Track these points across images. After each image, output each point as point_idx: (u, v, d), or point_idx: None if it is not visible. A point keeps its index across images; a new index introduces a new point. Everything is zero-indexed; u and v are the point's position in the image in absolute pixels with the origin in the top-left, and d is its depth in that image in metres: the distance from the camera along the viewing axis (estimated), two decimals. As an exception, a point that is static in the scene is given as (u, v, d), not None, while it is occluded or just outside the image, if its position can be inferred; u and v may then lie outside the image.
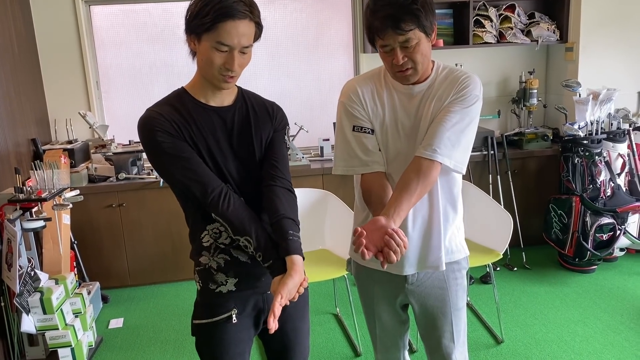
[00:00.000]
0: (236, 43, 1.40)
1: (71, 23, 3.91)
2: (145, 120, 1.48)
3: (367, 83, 1.70)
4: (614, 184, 3.82)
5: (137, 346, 3.14)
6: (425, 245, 1.71)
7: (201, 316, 1.62)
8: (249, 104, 1.59)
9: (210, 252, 1.56)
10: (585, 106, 3.84)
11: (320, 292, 3.68)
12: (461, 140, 1.58)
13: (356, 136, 1.67)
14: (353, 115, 1.68)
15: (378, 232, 1.43)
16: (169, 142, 1.45)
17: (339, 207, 3.16)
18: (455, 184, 1.72)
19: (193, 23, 1.41)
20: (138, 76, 4.12)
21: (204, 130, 1.50)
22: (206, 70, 1.46)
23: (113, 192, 3.69)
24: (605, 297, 3.47)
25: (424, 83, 1.63)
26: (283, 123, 1.64)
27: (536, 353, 2.88)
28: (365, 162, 1.67)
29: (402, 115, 1.65)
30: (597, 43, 4.08)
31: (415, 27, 1.47)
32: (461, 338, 1.81)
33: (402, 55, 1.52)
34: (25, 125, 3.53)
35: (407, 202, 1.50)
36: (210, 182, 1.47)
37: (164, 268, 3.87)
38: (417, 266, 1.73)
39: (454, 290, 1.77)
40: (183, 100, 1.52)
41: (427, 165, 1.54)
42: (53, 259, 3.19)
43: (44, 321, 2.82)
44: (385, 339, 1.90)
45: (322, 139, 4.11)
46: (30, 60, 3.76)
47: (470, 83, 1.60)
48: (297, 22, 4.22)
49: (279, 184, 1.55)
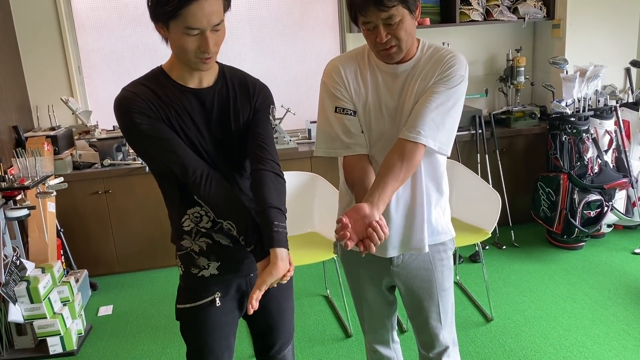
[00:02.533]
0: (206, 24, 1.33)
1: (50, 6, 3.81)
2: (121, 101, 1.42)
3: (350, 62, 1.65)
4: (601, 161, 3.84)
5: (128, 333, 3.13)
6: (408, 227, 1.68)
7: (185, 301, 1.61)
8: (229, 85, 1.53)
9: (192, 236, 1.55)
10: (572, 83, 3.84)
11: (310, 274, 3.68)
12: (446, 121, 1.54)
13: (338, 118, 1.63)
14: (335, 96, 1.63)
15: (361, 221, 1.40)
16: (147, 124, 1.41)
17: (327, 189, 3.15)
18: (439, 165, 1.69)
19: (156, 11, 1.34)
20: (121, 60, 4.04)
21: (182, 113, 1.45)
22: (182, 56, 1.40)
23: (98, 178, 3.65)
24: (593, 273, 3.50)
25: (409, 62, 1.58)
26: (266, 102, 1.58)
27: (525, 330, 2.90)
28: (347, 145, 1.63)
29: (386, 95, 1.61)
30: (584, 20, 4.06)
31: (398, 3, 1.43)
32: (448, 318, 1.81)
33: (385, 32, 1.47)
34: (5, 112, 3.46)
35: (392, 187, 1.48)
36: (192, 163, 1.44)
37: (152, 254, 3.85)
38: (400, 248, 1.71)
39: (440, 271, 1.76)
40: (160, 81, 1.46)
41: (410, 148, 1.51)
42: (39, 247, 3.15)
43: (31, 310, 2.80)
44: (373, 320, 1.90)
45: (310, 122, 4.07)
46: (8, 46, 3.67)
47: (456, 63, 1.56)
48: (282, 1, 4.15)
49: (268, 167, 1.50)
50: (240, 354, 2.84)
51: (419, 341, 1.86)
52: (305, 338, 2.96)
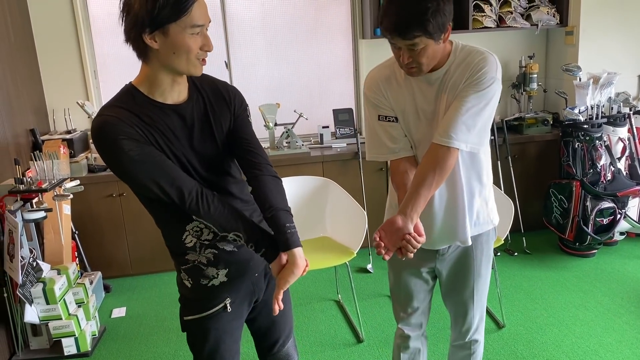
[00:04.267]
0: (205, 20, 1.35)
1: (67, 11, 3.87)
2: (104, 127, 1.34)
3: (386, 71, 1.74)
4: (615, 168, 3.82)
5: (140, 335, 3.16)
6: (452, 220, 1.77)
7: (194, 311, 1.60)
8: (204, 95, 1.50)
9: (197, 251, 1.54)
10: (585, 90, 3.83)
11: (322, 279, 3.69)
12: (477, 122, 1.59)
13: (382, 125, 1.74)
14: (376, 105, 1.74)
15: (396, 235, 1.55)
16: (136, 149, 1.34)
17: (340, 194, 3.16)
18: (479, 158, 1.75)
19: (159, 15, 1.29)
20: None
21: (167, 132, 1.42)
22: (180, 61, 1.35)
23: (113, 181, 3.68)
24: (606, 281, 3.48)
25: (441, 69, 1.65)
26: (243, 105, 1.57)
27: (537, 337, 2.90)
28: (392, 150, 1.74)
29: (422, 101, 1.68)
30: (597, 27, 4.05)
31: (421, 34, 1.49)
32: (481, 300, 1.94)
33: (407, 55, 1.55)
34: (23, 116, 3.51)
35: (424, 197, 1.57)
36: (186, 184, 1.41)
37: (165, 257, 3.82)
38: (446, 240, 1.82)
39: (479, 259, 1.88)
40: (137, 100, 1.40)
41: (443, 153, 1.58)
42: (55, 249, 3.19)
43: (47, 311, 2.83)
44: (409, 303, 1.98)
45: (322, 126, 4.09)
46: (27, 50, 3.73)
47: (485, 65, 1.61)
48: (295, 8, 4.19)
49: (264, 172, 1.51)
50: (245, 356, 2.85)
51: (453, 318, 2.01)
52: (317, 343, 2.97)
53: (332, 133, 4.20)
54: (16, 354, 2.94)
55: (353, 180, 3.85)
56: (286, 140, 3.95)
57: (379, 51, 4.25)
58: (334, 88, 4.37)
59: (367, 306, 3.31)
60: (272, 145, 3.95)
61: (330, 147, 4.05)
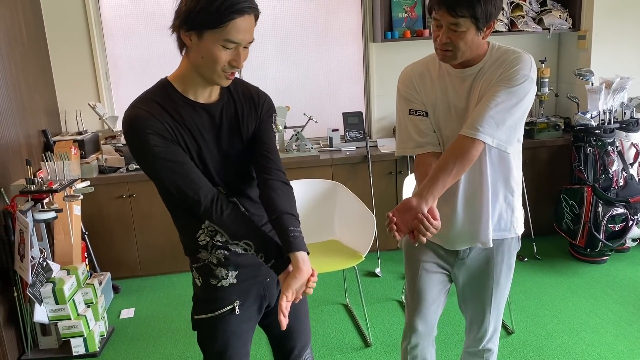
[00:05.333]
0: (243, 39, 1.35)
1: (80, 13, 3.90)
2: (135, 120, 1.38)
3: (420, 67, 1.77)
4: (627, 174, 3.78)
5: (149, 336, 3.17)
6: (474, 220, 1.76)
7: (203, 311, 1.62)
8: (235, 97, 1.52)
9: (208, 250, 1.55)
10: (597, 95, 3.79)
11: (330, 282, 3.68)
12: (507, 119, 1.58)
13: (411, 119, 1.75)
14: (408, 99, 1.76)
15: (409, 214, 1.53)
16: (162, 147, 1.38)
17: (348, 197, 3.15)
18: (508, 162, 1.73)
19: (196, 18, 1.31)
20: (147, 67, 4.11)
21: (195, 131, 1.44)
22: (207, 68, 1.38)
23: (123, 182, 3.71)
24: (617, 287, 3.45)
25: (476, 66, 1.65)
26: (270, 111, 1.58)
27: (547, 344, 2.87)
28: (419, 144, 1.73)
29: (454, 97, 1.69)
30: (610, 31, 4.02)
31: (468, 15, 1.50)
32: (498, 309, 1.90)
33: (446, 35, 1.55)
34: (35, 116, 3.54)
35: (442, 182, 1.55)
36: (203, 188, 1.43)
37: (174, 258, 3.89)
38: (468, 241, 1.80)
39: (500, 267, 1.84)
40: (170, 96, 1.43)
41: (467, 144, 1.57)
42: (64, 249, 3.21)
43: (56, 311, 2.85)
44: (424, 307, 1.94)
45: (331, 129, 4.08)
46: (39, 51, 3.76)
47: (519, 62, 1.61)
48: (306, 11, 4.19)
49: (273, 176, 1.50)
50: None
51: (468, 323, 1.98)
52: (324, 347, 2.96)
53: (341, 136, 4.19)
54: (25, 353, 2.96)
55: (362, 183, 3.84)
56: (295, 143, 3.96)
57: (390, 54, 4.24)
58: (344, 91, 4.37)
59: (375, 310, 3.30)
60: (281, 148, 3.95)
61: (339, 150, 4.05)
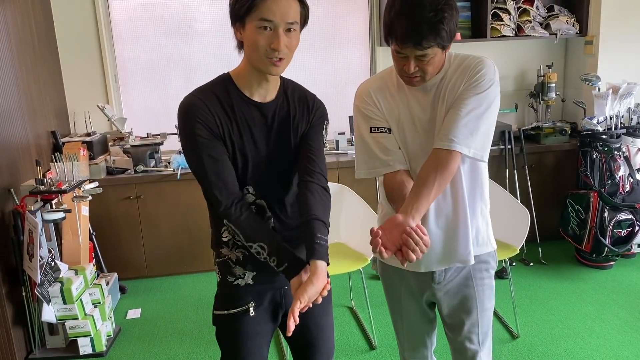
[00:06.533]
0: (279, 18, 1.36)
1: (90, 16, 3.94)
2: (189, 107, 1.43)
3: (378, 83, 1.68)
4: (633, 180, 3.78)
5: (155, 336, 3.19)
6: (451, 238, 1.65)
7: (221, 307, 1.63)
8: (290, 100, 1.55)
9: (229, 247, 1.58)
10: (604, 100, 3.79)
11: (336, 285, 3.69)
12: (480, 126, 1.51)
13: (374, 137, 1.64)
14: (368, 116, 1.66)
15: (396, 230, 1.41)
16: (205, 138, 1.43)
17: (355, 200, 3.17)
18: (481, 173, 1.66)
19: (235, 8, 1.38)
20: (156, 69, 4.14)
21: (243, 127, 1.47)
22: (253, 56, 1.40)
23: (131, 184, 3.73)
24: (623, 293, 3.44)
25: (437, 77, 1.57)
26: (322, 118, 1.61)
27: (552, 349, 2.87)
28: (385, 162, 1.63)
29: (418, 110, 1.61)
30: (617, 36, 4.02)
31: (435, 44, 1.42)
32: (488, 340, 1.78)
33: (414, 65, 1.48)
34: (44, 118, 3.58)
35: (426, 197, 1.46)
36: (228, 189, 1.46)
37: (180, 259, 3.91)
38: (443, 262, 1.68)
39: (481, 290, 1.73)
40: (228, 90, 1.47)
41: (444, 156, 1.49)
42: (72, 250, 3.24)
43: (64, 311, 2.88)
44: (412, 337, 1.88)
45: (338, 133, 4.10)
46: (50, 53, 3.80)
47: (483, 67, 1.54)
48: (314, 14, 4.17)
49: (315, 180, 1.52)
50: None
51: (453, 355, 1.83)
52: (329, 348, 2.97)
53: (347, 140, 4.21)
54: (33, 352, 2.99)
55: (368, 187, 3.85)
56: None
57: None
58: (351, 94, 4.33)
59: (380, 313, 3.30)
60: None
61: (345, 153, 4.06)
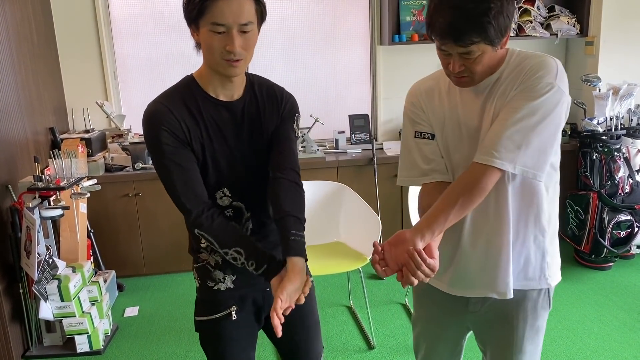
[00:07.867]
0: (232, 21, 1.30)
1: (89, 13, 3.92)
2: (153, 115, 1.39)
3: (430, 83, 1.53)
4: (633, 181, 3.78)
5: (152, 334, 3.18)
6: (489, 265, 1.46)
7: (202, 313, 1.61)
8: (258, 95, 1.51)
9: (208, 252, 1.55)
10: (604, 101, 3.79)
11: (334, 284, 3.69)
12: (532, 140, 1.29)
13: (417, 143, 1.51)
14: (414, 120, 1.53)
15: (401, 247, 1.29)
16: (172, 147, 1.38)
17: (354, 199, 3.16)
18: (536, 194, 1.43)
19: (188, 10, 1.34)
20: (155, 66, 4.13)
21: (213, 128, 1.43)
22: (210, 59, 1.37)
23: (129, 181, 3.72)
24: (622, 294, 3.44)
25: (491, 77, 1.38)
26: (292, 111, 1.56)
27: (551, 350, 2.86)
28: (425, 172, 1.49)
29: (465, 115, 1.43)
30: (617, 37, 4.02)
31: (480, 40, 1.25)
32: None
33: (459, 63, 1.31)
34: (43, 114, 3.56)
35: (444, 216, 1.30)
36: (197, 197, 1.42)
37: (178, 257, 3.90)
38: (478, 289, 1.50)
39: (522, 329, 1.52)
40: (193, 92, 1.43)
41: (478, 172, 1.31)
42: (70, 247, 3.22)
43: (61, 308, 2.86)
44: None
45: (337, 132, 4.09)
46: (48, 50, 3.79)
47: (541, 69, 1.33)
48: (314, 13, 4.20)
49: (285, 175, 1.47)
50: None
51: None
52: (327, 349, 2.96)
53: (347, 138, 4.20)
54: (30, 349, 2.97)
55: (367, 186, 3.85)
56: (301, 145, 3.96)
57: (397, 57, 4.25)
58: (351, 93, 4.37)
59: (379, 313, 3.30)
60: (287, 149, 3.95)
61: (345, 152, 4.05)
